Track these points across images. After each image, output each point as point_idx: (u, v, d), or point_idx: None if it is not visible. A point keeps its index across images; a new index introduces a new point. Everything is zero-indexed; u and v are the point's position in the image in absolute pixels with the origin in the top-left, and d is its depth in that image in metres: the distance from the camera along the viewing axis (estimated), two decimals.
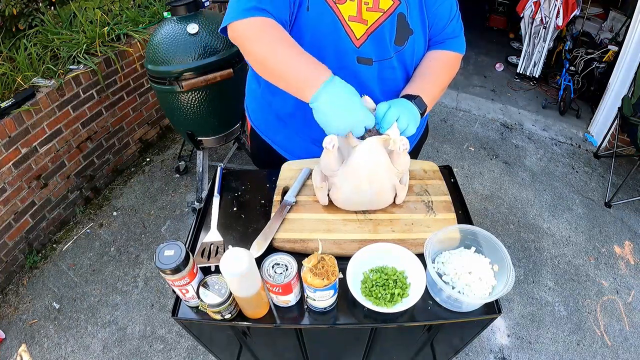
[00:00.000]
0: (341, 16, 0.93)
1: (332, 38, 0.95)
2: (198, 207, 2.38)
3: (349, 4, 0.93)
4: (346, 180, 0.90)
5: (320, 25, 0.94)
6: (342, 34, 0.95)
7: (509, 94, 3.72)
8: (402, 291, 0.82)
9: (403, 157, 0.88)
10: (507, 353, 1.83)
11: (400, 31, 0.97)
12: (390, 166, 0.88)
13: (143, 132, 2.84)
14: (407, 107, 0.89)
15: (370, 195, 0.92)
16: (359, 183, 0.89)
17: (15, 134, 1.99)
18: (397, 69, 1.03)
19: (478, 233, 0.88)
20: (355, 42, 0.96)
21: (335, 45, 0.96)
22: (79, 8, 2.48)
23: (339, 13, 0.93)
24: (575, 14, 3.41)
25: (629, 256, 2.27)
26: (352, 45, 0.96)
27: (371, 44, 0.97)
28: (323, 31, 0.94)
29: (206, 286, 0.78)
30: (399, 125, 0.85)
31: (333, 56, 0.97)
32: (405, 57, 1.02)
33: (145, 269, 2.19)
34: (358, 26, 0.95)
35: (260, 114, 1.22)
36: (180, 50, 1.86)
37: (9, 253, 2.12)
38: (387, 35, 0.97)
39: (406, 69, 1.05)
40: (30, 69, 2.15)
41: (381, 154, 0.86)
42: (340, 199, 0.95)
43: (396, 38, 0.98)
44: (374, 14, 0.94)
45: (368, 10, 0.94)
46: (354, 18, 0.94)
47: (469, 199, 2.57)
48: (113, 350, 1.85)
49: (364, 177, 0.88)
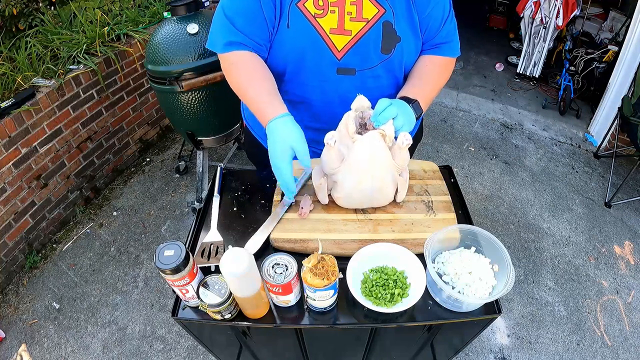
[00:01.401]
0: (321, 30, 0.94)
1: (312, 52, 0.96)
2: (198, 207, 2.38)
3: (329, 17, 0.93)
4: (348, 175, 0.90)
5: (300, 41, 0.96)
6: (322, 48, 0.95)
7: (509, 94, 3.72)
8: (402, 291, 0.82)
9: (404, 152, 0.88)
10: (507, 353, 1.83)
11: (386, 39, 0.97)
12: (391, 160, 0.88)
13: (143, 132, 2.84)
14: (405, 109, 0.91)
15: (372, 191, 0.92)
16: (361, 177, 0.89)
17: (15, 134, 1.99)
18: (382, 77, 1.03)
19: (478, 233, 0.88)
20: (336, 54, 0.96)
21: (315, 59, 0.97)
22: (79, 8, 2.48)
23: (319, 27, 0.94)
24: (575, 14, 3.41)
25: (629, 256, 2.27)
26: (333, 57, 0.97)
27: (353, 54, 0.97)
28: (303, 46, 0.96)
29: (206, 286, 0.78)
30: (395, 123, 0.86)
31: (313, 69, 0.99)
32: (393, 65, 1.01)
33: (145, 269, 2.19)
34: (340, 38, 0.95)
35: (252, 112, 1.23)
36: (180, 50, 1.86)
37: (9, 253, 2.12)
38: (372, 44, 0.96)
39: (395, 76, 1.05)
40: (30, 69, 2.15)
41: (381, 147, 0.86)
42: (342, 197, 0.95)
43: (382, 47, 0.97)
44: (358, 24, 0.94)
45: (351, 20, 0.94)
46: (334, 30, 0.94)
47: (469, 199, 2.57)
48: (113, 350, 1.85)
49: (365, 170, 0.88)
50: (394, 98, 1.01)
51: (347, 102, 0.89)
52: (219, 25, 0.97)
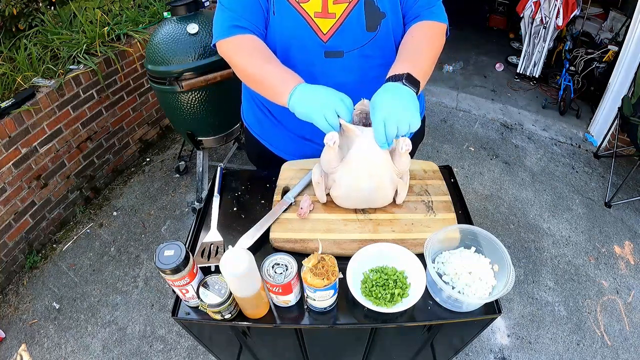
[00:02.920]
0: (306, 14, 0.95)
1: (298, 37, 0.97)
2: (198, 207, 2.38)
3: (313, 1, 0.94)
4: (346, 174, 0.89)
5: (286, 27, 0.97)
6: (308, 32, 0.96)
7: (509, 94, 3.72)
8: (402, 291, 0.82)
9: (404, 157, 0.88)
10: (507, 353, 1.83)
11: (370, 17, 0.96)
12: (390, 162, 0.88)
13: (143, 132, 2.84)
14: (400, 107, 0.79)
15: (369, 192, 0.92)
16: (358, 176, 0.89)
17: (15, 134, 1.99)
18: (372, 57, 1.01)
19: (478, 233, 0.88)
20: (322, 37, 0.97)
21: (301, 44, 0.98)
22: (79, 8, 2.48)
23: (303, 11, 0.95)
24: (575, 14, 3.40)
25: (629, 256, 2.27)
26: (319, 40, 0.97)
27: (340, 36, 0.97)
28: (289, 32, 0.97)
29: (206, 286, 0.78)
30: (402, 131, 0.79)
31: (301, 54, 0.99)
32: (381, 42, 1.00)
33: (145, 269, 2.19)
34: (324, 21, 0.95)
35: (252, 113, 1.23)
36: (180, 50, 1.86)
37: (9, 253, 2.12)
38: (356, 23, 0.96)
39: (384, 55, 1.02)
40: (30, 69, 2.15)
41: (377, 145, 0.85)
42: (340, 195, 0.95)
43: (367, 25, 0.97)
44: (340, 5, 0.95)
45: (335, 3, 0.94)
46: (319, 14, 0.95)
47: (469, 199, 2.57)
48: (113, 350, 1.85)
49: (363, 169, 0.88)
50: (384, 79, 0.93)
51: (337, 86, 0.87)
52: (220, 17, 0.99)
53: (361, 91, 0.94)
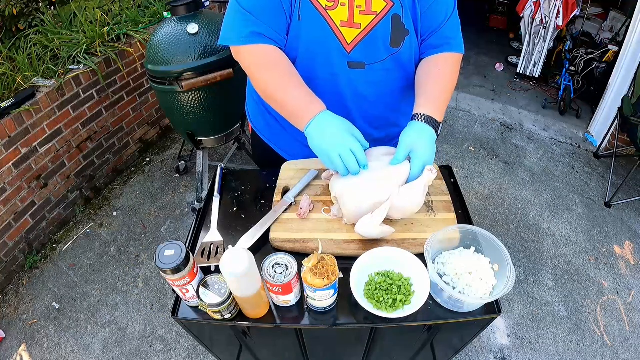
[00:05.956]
0: (332, 22, 0.93)
1: (323, 45, 0.96)
2: (198, 207, 2.38)
3: (340, 9, 0.92)
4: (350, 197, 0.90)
5: (311, 33, 0.95)
6: (333, 40, 0.95)
7: (509, 94, 3.72)
8: (405, 298, 0.81)
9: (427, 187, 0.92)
10: (507, 353, 1.83)
11: (395, 33, 0.96)
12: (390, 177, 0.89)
13: (143, 132, 2.84)
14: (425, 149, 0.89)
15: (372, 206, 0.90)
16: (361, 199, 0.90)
17: (15, 134, 1.99)
18: (392, 71, 1.02)
19: (478, 233, 0.88)
20: (346, 47, 0.96)
21: (326, 51, 0.96)
22: (79, 8, 2.48)
23: (330, 19, 0.93)
24: (575, 14, 3.40)
25: (629, 256, 2.27)
26: (343, 50, 0.96)
27: (362, 48, 0.96)
28: (314, 39, 0.95)
29: (206, 286, 0.78)
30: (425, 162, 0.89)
31: (325, 63, 0.98)
32: (402, 58, 1.01)
33: (145, 269, 2.19)
34: (349, 31, 0.94)
35: (261, 117, 1.22)
36: (180, 50, 1.86)
37: (9, 253, 2.12)
38: (381, 38, 0.96)
39: (405, 69, 1.04)
40: (30, 69, 2.15)
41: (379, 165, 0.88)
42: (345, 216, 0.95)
43: (391, 40, 0.97)
44: (367, 17, 0.93)
45: (361, 13, 0.93)
46: (345, 23, 0.94)
47: (469, 199, 2.57)
48: (113, 350, 1.85)
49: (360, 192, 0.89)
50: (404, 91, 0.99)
51: (359, 97, 0.89)
52: (235, 18, 0.94)
53: (381, 103, 0.98)
